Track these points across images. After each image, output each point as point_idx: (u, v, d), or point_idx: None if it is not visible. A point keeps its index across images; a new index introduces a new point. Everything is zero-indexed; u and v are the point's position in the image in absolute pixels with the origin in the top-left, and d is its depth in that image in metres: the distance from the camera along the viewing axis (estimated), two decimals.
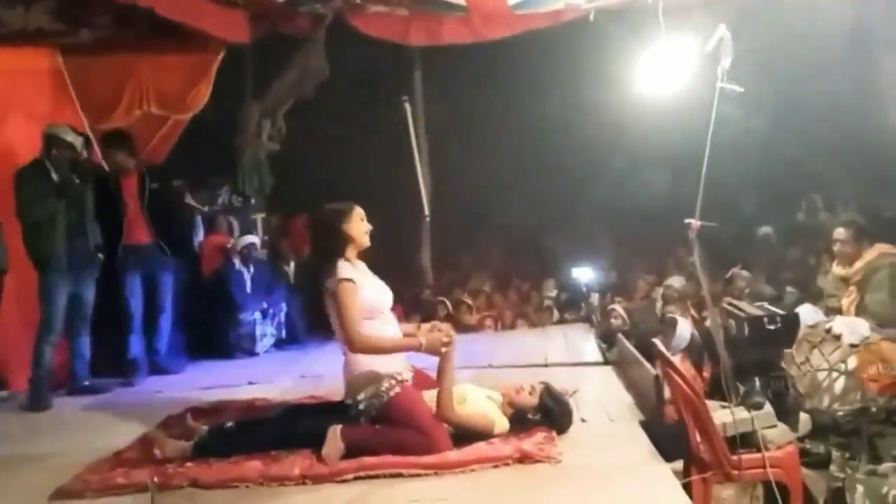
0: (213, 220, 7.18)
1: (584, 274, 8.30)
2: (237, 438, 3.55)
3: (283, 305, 6.85)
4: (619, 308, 6.37)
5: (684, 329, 4.97)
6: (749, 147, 8.91)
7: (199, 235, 7.12)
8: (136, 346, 5.61)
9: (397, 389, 3.46)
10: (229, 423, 3.80)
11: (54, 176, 4.97)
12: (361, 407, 3.46)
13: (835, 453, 3.79)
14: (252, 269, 6.77)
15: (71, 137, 5.05)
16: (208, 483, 3.20)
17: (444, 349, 3.44)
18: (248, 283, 6.70)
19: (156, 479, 2.81)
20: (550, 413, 3.59)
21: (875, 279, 4.86)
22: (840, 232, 5.14)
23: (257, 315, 6.56)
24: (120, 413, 4.65)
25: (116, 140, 5.65)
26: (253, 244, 6.89)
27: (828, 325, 4.43)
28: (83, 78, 6.14)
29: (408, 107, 8.28)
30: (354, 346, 3.43)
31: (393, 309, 3.74)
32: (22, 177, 4.94)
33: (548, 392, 3.63)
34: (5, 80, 5.63)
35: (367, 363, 3.48)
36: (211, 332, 6.53)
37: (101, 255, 5.25)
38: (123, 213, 5.52)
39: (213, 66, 6.59)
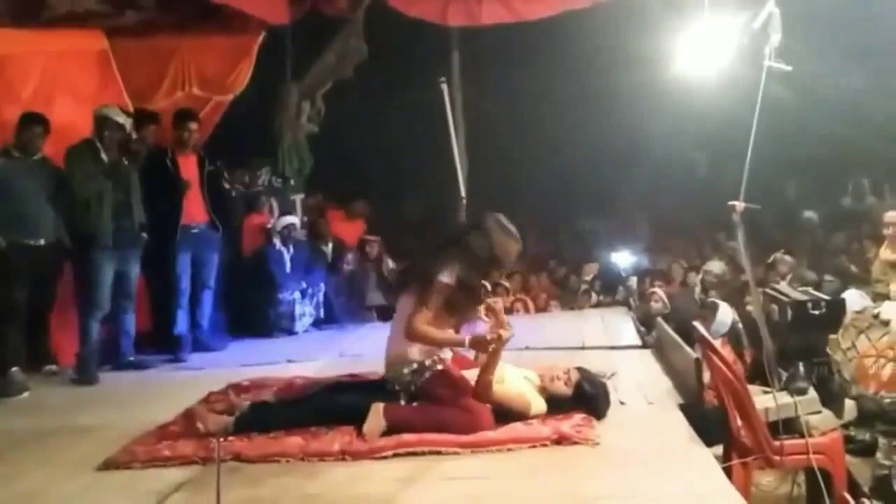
0: (253, 200, 7.26)
1: (623, 258, 8.23)
2: (278, 414, 3.61)
3: (322, 285, 6.92)
4: (659, 291, 6.31)
5: (725, 314, 4.91)
6: (794, 128, 8.71)
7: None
8: (182, 322, 5.73)
9: (440, 367, 3.50)
10: (271, 399, 3.87)
11: (104, 156, 5.09)
12: (407, 379, 3.49)
13: (881, 440, 3.72)
14: (291, 250, 6.85)
15: (122, 119, 5.17)
16: (250, 457, 3.25)
17: (490, 347, 3.42)
18: (288, 263, 6.78)
19: (218, 446, 2.84)
20: (588, 399, 3.57)
21: None
22: (891, 215, 5.02)
23: (296, 295, 6.64)
24: (164, 388, 4.77)
25: (186, 113, 5.83)
26: (293, 225, 6.97)
27: (875, 311, 4.33)
28: (127, 59, 6.25)
29: (445, 88, 8.21)
30: (410, 333, 3.46)
31: None
32: (73, 155, 5.06)
33: (584, 378, 3.60)
34: (53, 62, 5.74)
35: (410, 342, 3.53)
36: (250, 310, 6.64)
37: (145, 235, 5.35)
38: (183, 193, 5.63)
39: (253, 48, 6.65)
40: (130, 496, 2.96)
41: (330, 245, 7.55)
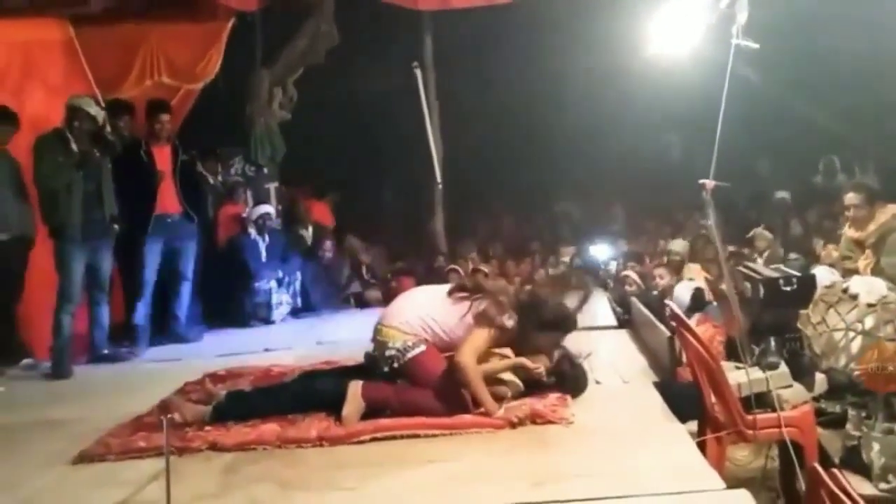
0: (230, 190, 7.20)
1: (602, 252, 8.18)
2: (255, 402, 3.59)
3: (298, 274, 6.89)
4: (632, 274, 6.34)
5: (682, 291, 4.98)
6: (765, 107, 8.78)
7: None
8: (142, 312, 5.67)
9: (423, 347, 3.49)
10: (247, 388, 3.85)
11: (74, 147, 4.99)
12: (390, 354, 3.48)
13: (850, 412, 3.76)
14: (267, 238, 6.80)
15: (94, 110, 5.08)
16: (226, 446, 3.23)
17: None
18: (263, 252, 6.74)
19: (166, 435, 2.81)
20: (565, 378, 3.61)
21: (890, 241, 4.80)
22: (851, 196, 5.08)
23: (273, 283, 6.60)
24: (139, 380, 4.73)
25: (159, 105, 5.77)
26: (268, 214, 6.92)
27: (845, 285, 4.38)
28: (94, 48, 6.14)
29: (418, 72, 8.21)
30: (461, 357, 3.39)
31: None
32: (42, 146, 4.97)
33: (566, 359, 3.64)
34: (18, 51, 5.65)
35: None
36: (227, 301, 6.59)
37: (116, 226, 5.28)
38: (157, 183, 5.58)
39: (223, 35, 6.56)
40: (105, 488, 2.93)
41: (310, 228, 7.51)
